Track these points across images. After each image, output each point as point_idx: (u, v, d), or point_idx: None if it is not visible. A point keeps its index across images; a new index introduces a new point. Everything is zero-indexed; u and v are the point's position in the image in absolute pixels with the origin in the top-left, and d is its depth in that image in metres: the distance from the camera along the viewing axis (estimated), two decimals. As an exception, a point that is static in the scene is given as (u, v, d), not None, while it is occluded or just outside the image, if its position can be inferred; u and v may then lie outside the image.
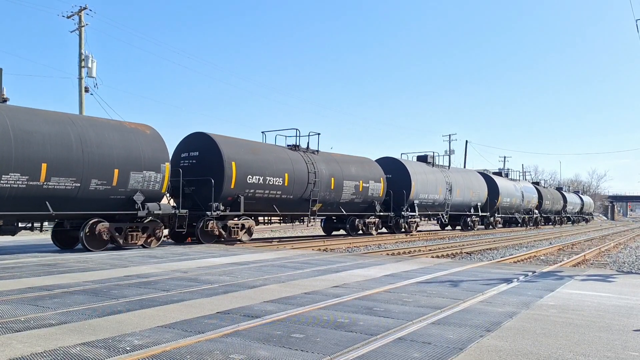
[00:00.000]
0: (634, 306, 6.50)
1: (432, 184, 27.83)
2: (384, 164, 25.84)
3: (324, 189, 20.40)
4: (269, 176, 18.03)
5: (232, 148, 17.16)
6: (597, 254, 19.10)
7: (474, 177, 33.72)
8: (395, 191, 25.15)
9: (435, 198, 28.27)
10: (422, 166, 28.39)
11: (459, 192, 30.46)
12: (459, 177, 31.15)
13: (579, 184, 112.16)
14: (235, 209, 16.99)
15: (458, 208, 30.90)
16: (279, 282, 8.05)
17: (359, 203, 22.65)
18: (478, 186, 33.17)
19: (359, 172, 22.65)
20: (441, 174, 29.27)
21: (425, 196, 27.18)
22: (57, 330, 4.75)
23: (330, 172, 20.85)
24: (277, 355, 4.04)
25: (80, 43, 29.34)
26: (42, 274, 8.68)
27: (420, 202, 26.85)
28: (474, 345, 4.43)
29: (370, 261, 11.48)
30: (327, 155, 21.80)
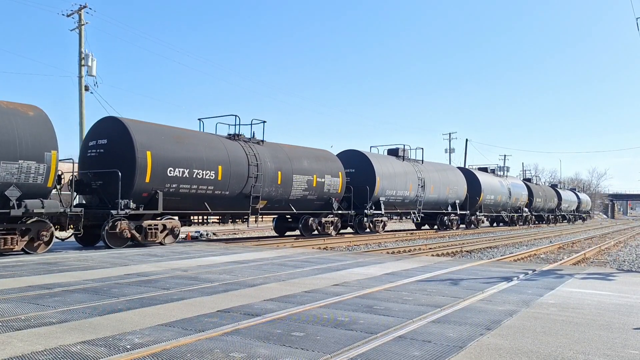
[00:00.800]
0: (634, 304, 6.51)
1: (402, 180, 25.43)
2: (346, 158, 23.93)
3: (269, 184, 18.09)
4: (198, 169, 15.58)
5: (148, 135, 14.60)
6: (597, 253, 19.10)
7: (452, 173, 31.13)
8: (357, 187, 23.07)
9: (406, 195, 25.80)
10: (391, 160, 25.81)
11: (434, 188, 27.91)
12: (433, 173, 28.53)
13: (579, 182, 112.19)
14: (152, 206, 14.53)
15: (433, 206, 28.58)
16: (279, 280, 8.05)
17: (314, 200, 20.37)
18: (456, 182, 30.52)
19: (313, 165, 20.30)
20: (413, 169, 26.70)
21: (392, 193, 24.77)
22: (57, 328, 4.75)
23: (277, 165, 18.52)
24: (278, 354, 4.04)
25: (80, 42, 29.33)
26: (42, 272, 8.68)
27: (387, 200, 24.55)
28: (474, 344, 4.43)
29: (370, 259, 11.49)
30: (275, 146, 19.41)
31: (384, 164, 24.61)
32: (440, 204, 29.25)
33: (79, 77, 29.14)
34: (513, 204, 39.31)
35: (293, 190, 19.24)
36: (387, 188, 24.33)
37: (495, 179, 37.44)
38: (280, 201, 18.95)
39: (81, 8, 29.58)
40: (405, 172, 25.95)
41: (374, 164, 23.70)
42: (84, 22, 29.55)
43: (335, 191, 21.32)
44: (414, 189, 26.33)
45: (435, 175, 28.69)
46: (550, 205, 50.30)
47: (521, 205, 41.28)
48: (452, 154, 64.62)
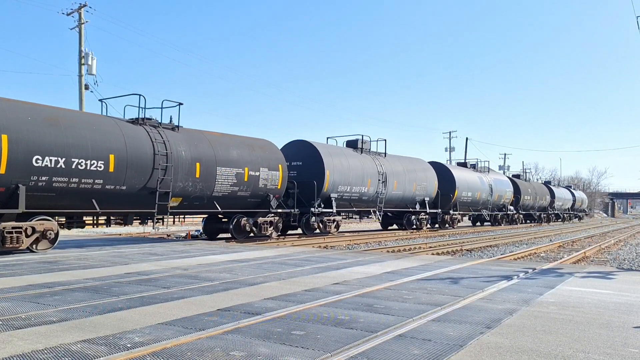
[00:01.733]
0: (634, 303, 6.51)
1: (357, 174, 22.56)
2: (292, 149, 21.48)
3: (185, 178, 15.10)
4: (79, 158, 12.57)
5: (4, 114, 11.47)
6: (597, 251, 19.11)
7: (420, 167, 27.90)
8: (304, 182, 20.37)
9: (363, 191, 22.99)
10: (346, 152, 23.07)
11: (397, 184, 25.09)
12: (397, 167, 25.61)
13: (579, 181, 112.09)
14: (12, 205, 11.60)
15: (398, 203, 25.94)
16: (279, 279, 8.06)
17: (246, 197, 17.36)
18: (425, 178, 27.50)
19: (245, 156, 17.28)
20: (372, 163, 23.83)
21: (346, 189, 21.95)
22: (57, 327, 4.76)
23: (194, 155, 15.49)
24: (278, 352, 4.05)
25: (80, 40, 29.34)
26: (42, 271, 8.69)
27: (340, 196, 21.82)
28: (474, 342, 4.43)
29: (371, 258, 11.49)
30: (195, 134, 16.24)
31: (336, 157, 21.84)
32: (406, 201, 26.46)
33: (79, 76, 29.14)
34: (496, 201, 36.52)
35: (217, 185, 16.17)
36: (340, 183, 21.58)
37: (473, 175, 34.33)
38: (200, 198, 15.89)
39: (81, 7, 29.58)
40: (362, 165, 23.06)
41: (323, 156, 20.99)
42: (84, 20, 29.55)
43: (273, 186, 18.21)
44: (374, 184, 23.46)
45: (400, 169, 25.78)
46: (542, 203, 47.63)
47: (506, 203, 38.44)
48: (452, 153, 64.68)
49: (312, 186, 20.34)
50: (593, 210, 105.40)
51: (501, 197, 37.43)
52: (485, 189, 34.76)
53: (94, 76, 29.23)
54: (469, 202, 32.99)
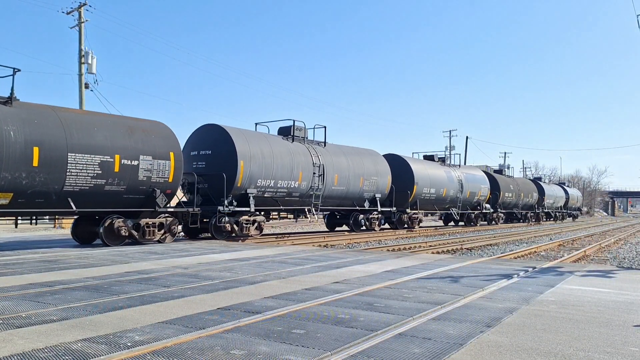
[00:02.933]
0: (634, 302, 6.51)
1: (285, 166, 18.98)
2: (200, 135, 18.13)
3: (14, 167, 11.59)
4: None
5: None
6: (598, 250, 19.11)
7: (370, 159, 24.13)
8: (212, 175, 17.15)
9: (293, 186, 19.41)
10: (272, 140, 19.30)
11: (339, 178, 21.55)
12: (340, 159, 22.06)
13: (579, 179, 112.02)
14: None
15: (341, 201, 22.35)
16: (279, 278, 8.06)
17: (120, 193, 13.69)
18: (375, 172, 23.97)
19: (117, 141, 13.60)
20: (306, 153, 20.17)
21: (268, 183, 18.30)
22: (58, 326, 4.76)
23: (31, 137, 11.90)
24: (278, 351, 4.05)
25: (80, 39, 29.31)
26: (43, 270, 8.69)
27: (260, 193, 18.17)
28: (474, 341, 4.43)
29: (371, 257, 11.49)
30: (40, 110, 12.61)
31: (255, 144, 18.09)
32: (352, 198, 22.77)
33: (79, 75, 29.13)
34: (467, 199, 32.40)
35: (70, 177, 12.52)
36: (259, 177, 17.89)
37: (439, 169, 30.11)
38: (45, 194, 12.24)
39: (81, 6, 29.56)
40: (292, 156, 19.42)
41: (236, 143, 17.24)
42: (84, 19, 29.53)
43: (161, 180, 14.44)
44: (307, 178, 19.79)
45: (343, 162, 22.08)
46: (528, 201, 43.80)
47: (481, 201, 34.27)
48: (452, 152, 64.73)
49: (221, 181, 16.63)
50: (593, 209, 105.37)
51: (474, 194, 33.24)
52: (453, 185, 30.63)
53: (94, 75, 29.24)
54: (432, 199, 28.88)
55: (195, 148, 17.93)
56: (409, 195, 26.77)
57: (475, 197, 33.58)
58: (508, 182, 40.37)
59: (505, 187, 38.75)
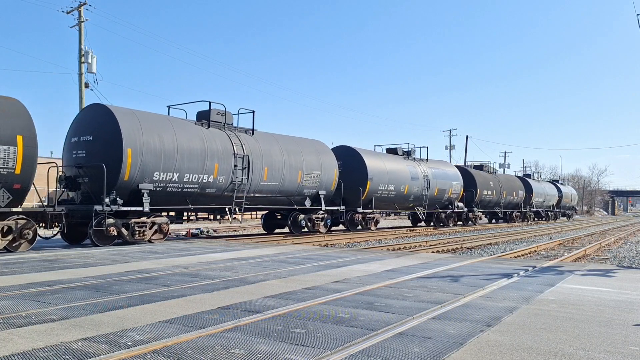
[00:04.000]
0: (634, 301, 6.51)
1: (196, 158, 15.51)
2: (84, 119, 14.79)
3: None
4: None
5: None
6: (598, 249, 19.12)
7: (310, 150, 20.38)
8: (91, 167, 13.94)
9: (207, 181, 15.82)
10: (179, 126, 15.57)
11: (269, 172, 18.02)
12: (272, 149, 18.47)
13: (579, 178, 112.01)
14: None
15: (273, 198, 18.75)
16: (279, 277, 8.06)
17: None
18: (317, 165, 20.34)
19: None
20: (227, 141, 16.68)
21: (171, 177, 14.83)
22: (58, 325, 4.76)
23: None
24: (278, 350, 4.05)
25: (80, 38, 29.30)
26: (43, 269, 8.69)
27: (160, 187, 14.62)
28: (474, 340, 4.43)
29: (371, 256, 11.50)
30: None
31: (151, 129, 14.52)
32: (288, 195, 19.16)
33: (79, 74, 29.12)
34: (436, 197, 28.69)
35: None
36: (156, 169, 14.37)
37: (400, 164, 26.30)
38: None
39: (81, 5, 29.54)
40: (205, 145, 15.82)
41: (122, 126, 13.95)
42: (84, 19, 29.51)
43: (5, 172, 11.49)
44: (226, 171, 16.33)
45: (277, 152, 18.56)
46: (512, 199, 40.05)
47: (452, 199, 30.40)
48: (452, 151, 64.64)
49: (102, 172, 13.48)
50: (593, 208, 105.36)
51: (444, 192, 29.47)
52: (418, 182, 26.94)
53: (94, 74, 29.21)
54: (391, 197, 25.20)
55: (76, 134, 14.56)
56: (362, 193, 23.26)
57: (446, 195, 29.68)
58: (488, 178, 36.49)
59: (483, 184, 35.00)
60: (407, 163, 27.09)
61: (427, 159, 29.30)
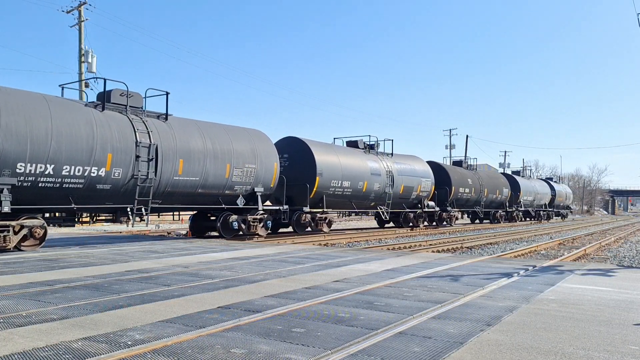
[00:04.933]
0: (634, 300, 6.51)
1: (78, 146, 12.52)
2: None
3: None
4: None
5: None
6: (598, 249, 19.12)
7: (246, 142, 17.32)
8: None
9: (97, 175, 12.97)
10: (56, 106, 12.48)
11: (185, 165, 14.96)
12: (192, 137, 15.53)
13: (579, 178, 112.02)
14: None
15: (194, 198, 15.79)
16: (279, 276, 8.06)
17: None
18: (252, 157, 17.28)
19: None
20: (126, 127, 13.76)
21: (39, 169, 11.85)
22: (58, 325, 4.76)
23: None
24: (278, 350, 4.05)
25: (80, 38, 29.32)
26: (43, 269, 8.69)
27: (27, 183, 11.78)
28: (474, 340, 4.44)
29: (371, 256, 11.49)
30: None
31: (13, 108, 11.57)
32: (214, 194, 16.20)
33: (79, 74, 29.13)
34: (402, 195, 25.86)
35: None
36: (19, 159, 11.51)
37: (359, 158, 23.57)
38: None
39: (81, 4, 29.56)
40: (95, 130, 12.95)
41: None
42: (84, 18, 29.53)
43: None
44: (124, 163, 13.53)
45: (197, 142, 15.46)
46: (496, 197, 37.04)
47: (422, 198, 27.50)
48: (452, 150, 64.65)
49: None
50: (593, 207, 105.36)
51: (411, 190, 26.49)
52: (380, 179, 24.12)
53: (94, 74, 29.24)
54: (346, 195, 22.49)
55: None
56: (310, 190, 20.49)
57: (414, 192, 26.74)
58: (465, 175, 33.46)
59: (459, 182, 31.98)
60: (367, 157, 24.10)
61: (392, 154, 26.43)
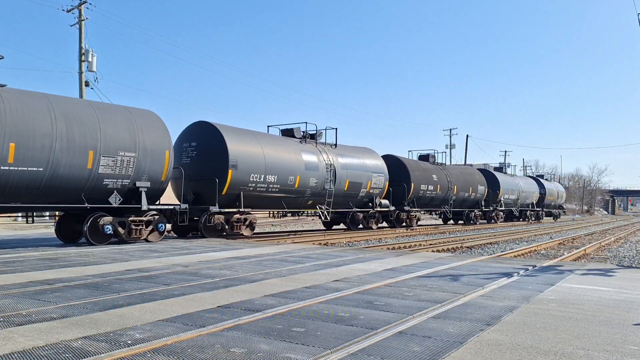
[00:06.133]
0: (633, 300, 6.51)
1: None
2: None
3: None
4: None
5: None
6: (598, 248, 19.12)
7: (123, 125, 13.93)
8: None
9: None
10: None
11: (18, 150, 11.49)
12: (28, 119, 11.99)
13: (579, 178, 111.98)
14: None
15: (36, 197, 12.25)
16: (279, 276, 8.06)
17: None
18: (133, 146, 13.89)
19: None
20: None
21: None
22: (58, 324, 4.76)
23: None
24: (278, 349, 4.05)
25: (81, 37, 29.29)
26: (43, 268, 8.70)
27: None
28: (474, 339, 4.44)
29: (371, 255, 11.49)
30: None
31: None
32: (72, 187, 12.81)
33: (79, 73, 29.12)
34: (347, 193, 22.40)
35: None
36: None
37: (291, 149, 19.92)
38: None
39: (81, 4, 29.53)
40: None
41: None
42: (84, 17, 29.50)
43: None
44: None
45: (41, 119, 12.19)
46: (468, 196, 32.98)
47: (374, 195, 24.07)
48: (452, 150, 64.62)
49: None
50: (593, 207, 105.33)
51: (359, 186, 23.05)
52: (318, 173, 20.63)
53: (94, 73, 29.23)
54: (273, 191, 18.77)
55: None
56: (220, 186, 16.83)
57: (363, 190, 23.20)
58: (429, 171, 29.17)
59: (421, 178, 27.96)
60: (302, 148, 20.39)
61: (336, 144, 22.73)
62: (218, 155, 17.08)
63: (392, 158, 27.43)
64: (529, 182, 45.43)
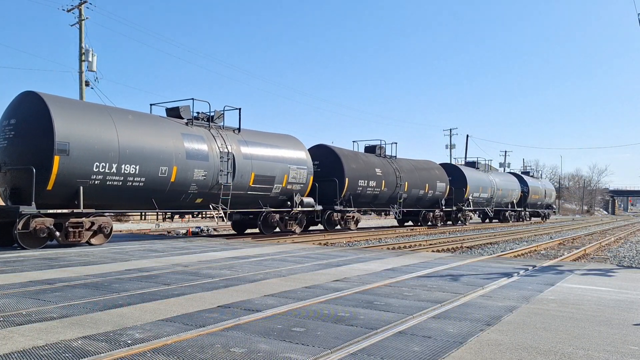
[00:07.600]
0: (634, 300, 6.51)
1: None
2: None
3: None
4: None
5: None
6: (598, 249, 19.12)
7: None
8: None
9: None
10: None
11: None
12: None
13: (579, 178, 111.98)
14: None
15: None
16: (279, 276, 8.06)
17: None
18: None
19: None
20: None
21: None
22: (58, 323, 4.76)
23: None
24: (278, 349, 4.05)
25: (81, 37, 29.28)
26: (43, 267, 8.70)
27: None
28: (474, 339, 4.44)
29: (371, 255, 11.49)
30: None
31: None
32: None
33: (79, 73, 29.11)
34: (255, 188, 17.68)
35: None
36: None
37: (169, 136, 14.97)
38: None
39: (81, 3, 29.52)
40: None
41: None
42: (84, 17, 29.50)
43: None
44: None
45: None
46: (423, 194, 27.86)
47: (294, 192, 19.31)
48: (453, 150, 64.63)
49: None
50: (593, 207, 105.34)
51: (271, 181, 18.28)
52: (207, 164, 15.87)
53: (94, 73, 29.21)
54: (133, 186, 13.93)
55: None
56: (44, 179, 12.26)
57: (277, 185, 18.63)
58: (371, 165, 24.32)
59: (359, 173, 23.17)
60: (185, 131, 15.71)
61: (240, 129, 17.91)
62: (39, 135, 12.36)
63: (324, 148, 23.06)
64: (508, 179, 40.14)
